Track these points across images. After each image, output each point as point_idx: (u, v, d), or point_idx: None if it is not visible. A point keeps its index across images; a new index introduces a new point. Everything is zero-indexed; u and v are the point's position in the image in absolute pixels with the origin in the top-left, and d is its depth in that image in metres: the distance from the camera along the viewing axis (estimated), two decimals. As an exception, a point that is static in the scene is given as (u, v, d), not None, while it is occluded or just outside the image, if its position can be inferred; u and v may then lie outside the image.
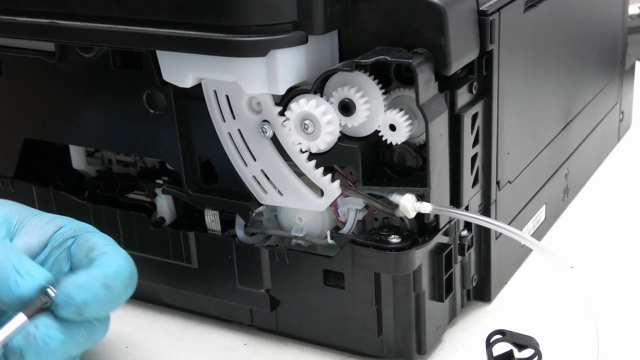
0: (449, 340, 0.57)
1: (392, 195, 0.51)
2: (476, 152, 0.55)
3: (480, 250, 0.58)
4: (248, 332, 0.59)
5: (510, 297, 0.61)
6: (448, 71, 0.49)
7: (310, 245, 0.55)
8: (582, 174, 0.77)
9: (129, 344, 0.58)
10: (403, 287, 0.52)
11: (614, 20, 0.79)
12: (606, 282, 0.62)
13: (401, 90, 0.50)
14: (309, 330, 0.57)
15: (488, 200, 0.57)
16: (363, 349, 0.55)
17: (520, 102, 0.59)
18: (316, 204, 0.52)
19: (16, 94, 0.61)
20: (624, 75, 0.84)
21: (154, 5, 0.49)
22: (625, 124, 0.88)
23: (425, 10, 0.48)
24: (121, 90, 0.56)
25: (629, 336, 0.56)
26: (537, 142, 0.64)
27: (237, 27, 0.47)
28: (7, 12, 0.54)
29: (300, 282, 0.55)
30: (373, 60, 0.48)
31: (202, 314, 0.61)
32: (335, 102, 0.50)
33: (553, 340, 0.55)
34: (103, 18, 0.51)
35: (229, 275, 0.57)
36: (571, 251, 0.67)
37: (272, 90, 0.49)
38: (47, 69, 0.58)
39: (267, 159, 0.53)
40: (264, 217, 0.56)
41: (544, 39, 0.62)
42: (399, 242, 0.51)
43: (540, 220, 0.67)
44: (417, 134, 0.51)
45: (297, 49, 0.49)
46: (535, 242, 0.51)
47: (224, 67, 0.49)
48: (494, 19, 0.52)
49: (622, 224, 0.70)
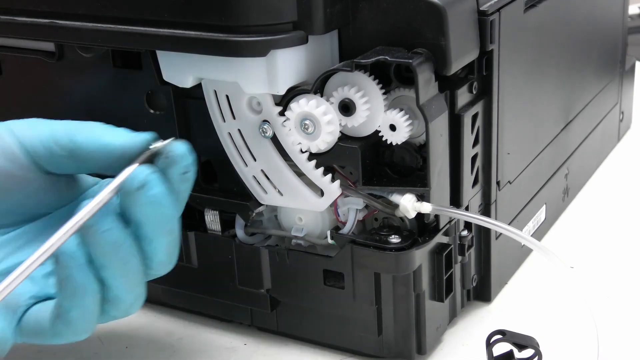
0: (449, 340, 0.57)
1: (392, 195, 0.51)
2: (476, 152, 0.55)
3: (480, 250, 0.58)
4: (248, 332, 0.59)
5: (510, 297, 0.61)
6: (448, 71, 0.49)
7: (310, 245, 0.55)
8: (582, 174, 0.77)
9: (129, 344, 0.58)
10: (403, 287, 0.52)
11: (614, 20, 0.79)
12: (606, 282, 0.62)
13: (401, 90, 0.50)
14: (309, 330, 0.57)
15: (488, 200, 0.57)
16: (363, 349, 0.55)
17: (521, 102, 0.59)
18: (316, 204, 0.52)
19: (16, 94, 0.61)
20: (624, 75, 0.84)
21: (154, 5, 0.49)
22: (625, 124, 0.88)
23: (425, 10, 0.48)
24: (121, 90, 0.56)
25: (629, 336, 0.56)
26: (537, 142, 0.64)
27: (237, 27, 0.47)
28: (7, 12, 0.54)
29: (300, 282, 0.55)
30: (373, 60, 0.48)
31: (202, 314, 0.61)
32: (335, 102, 0.50)
33: (553, 340, 0.55)
34: (103, 18, 0.51)
35: (229, 275, 0.57)
36: (571, 251, 0.67)
37: (272, 90, 0.49)
38: (47, 69, 0.58)
39: (267, 159, 0.53)
40: (264, 217, 0.56)
41: (544, 39, 0.62)
42: (399, 242, 0.51)
43: (540, 220, 0.67)
44: (417, 134, 0.51)
45: (297, 49, 0.49)
46: (535, 242, 0.51)
47: (224, 67, 0.49)
48: (494, 19, 0.52)
49: (622, 224, 0.70)
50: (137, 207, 0.45)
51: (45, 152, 0.47)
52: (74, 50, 0.57)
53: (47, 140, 0.47)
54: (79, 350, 0.57)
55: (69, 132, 0.47)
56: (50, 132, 0.47)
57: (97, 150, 0.46)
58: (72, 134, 0.47)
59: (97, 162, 0.47)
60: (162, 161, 0.46)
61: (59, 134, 0.47)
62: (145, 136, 0.47)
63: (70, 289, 0.45)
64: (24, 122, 0.48)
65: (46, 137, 0.47)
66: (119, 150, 0.46)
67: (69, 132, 0.47)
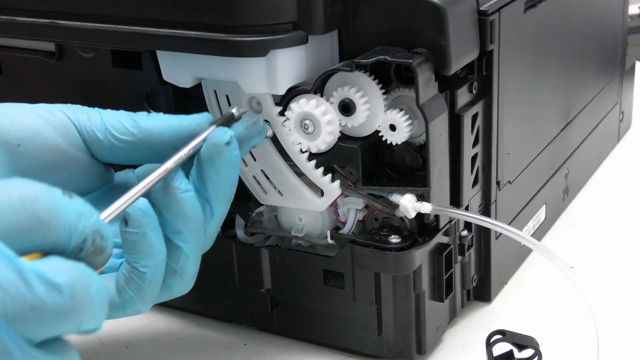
0: (449, 340, 0.57)
1: (392, 195, 0.51)
2: (476, 152, 0.55)
3: (480, 250, 0.58)
4: (248, 332, 0.59)
5: (510, 297, 0.61)
6: (448, 71, 0.49)
7: (310, 245, 0.55)
8: (582, 174, 0.77)
9: (129, 344, 0.58)
10: (403, 287, 0.52)
11: (614, 20, 0.79)
12: (606, 282, 0.62)
13: (401, 90, 0.50)
14: (309, 330, 0.57)
15: (488, 200, 0.57)
16: (363, 349, 0.55)
17: (521, 102, 0.59)
18: (316, 204, 0.52)
19: (16, 94, 0.61)
20: (624, 75, 0.84)
21: (154, 5, 0.49)
22: (625, 124, 0.88)
23: (426, 10, 0.48)
24: (121, 90, 0.56)
25: (629, 336, 0.56)
26: (537, 142, 0.64)
27: (237, 27, 0.47)
28: (7, 12, 0.54)
29: (300, 282, 0.55)
30: (373, 60, 0.48)
31: (202, 314, 0.61)
32: (336, 102, 0.50)
33: (553, 340, 0.55)
34: (103, 18, 0.51)
35: (229, 275, 0.57)
36: (571, 251, 0.67)
37: (272, 90, 0.49)
38: (47, 69, 0.58)
39: (267, 159, 0.53)
40: (264, 217, 0.56)
41: (544, 39, 0.62)
42: (399, 242, 0.51)
43: (540, 220, 0.67)
44: (417, 134, 0.51)
45: (297, 49, 0.49)
46: (535, 242, 0.51)
47: (224, 67, 0.49)
48: (494, 19, 0.52)
49: (622, 224, 0.70)
50: (217, 166, 0.46)
51: (99, 137, 0.47)
52: (74, 50, 0.57)
53: (100, 126, 0.47)
54: (79, 350, 0.57)
55: (131, 118, 0.48)
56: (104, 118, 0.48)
57: (165, 132, 0.47)
58: (136, 120, 0.47)
59: (163, 146, 0.47)
60: (243, 128, 0.48)
61: (116, 120, 0.47)
62: (206, 114, 0.48)
63: (145, 247, 0.44)
64: (77, 107, 0.49)
65: (99, 123, 0.47)
66: (188, 130, 0.47)
67: (131, 118, 0.48)
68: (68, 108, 0.48)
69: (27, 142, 0.46)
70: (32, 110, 0.47)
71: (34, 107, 0.47)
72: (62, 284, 0.35)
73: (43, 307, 0.34)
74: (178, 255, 0.46)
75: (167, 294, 0.47)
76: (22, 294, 0.34)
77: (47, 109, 0.47)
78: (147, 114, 0.48)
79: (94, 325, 0.37)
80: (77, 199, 0.38)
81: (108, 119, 0.48)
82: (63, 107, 0.48)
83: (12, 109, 0.47)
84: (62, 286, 0.35)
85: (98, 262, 0.38)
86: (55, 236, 0.36)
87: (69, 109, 0.48)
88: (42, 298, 0.34)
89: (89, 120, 0.47)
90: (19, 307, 0.34)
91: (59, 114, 0.47)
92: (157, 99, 0.55)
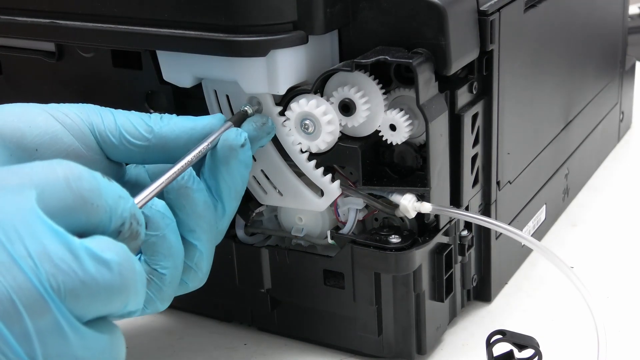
0: (449, 340, 0.57)
1: (392, 195, 0.51)
2: (476, 152, 0.55)
3: (480, 250, 0.58)
4: (248, 332, 0.59)
5: (510, 297, 0.61)
6: (448, 71, 0.49)
7: (310, 245, 0.55)
8: (582, 174, 0.77)
9: (129, 344, 0.58)
10: (403, 287, 0.52)
11: (614, 20, 0.79)
12: (606, 282, 0.62)
13: (401, 90, 0.50)
14: (309, 330, 0.57)
15: (488, 200, 0.57)
16: (363, 349, 0.55)
17: (521, 102, 0.59)
18: (316, 204, 0.52)
19: (16, 94, 0.61)
20: (624, 75, 0.84)
21: (154, 4, 0.49)
22: (625, 124, 0.88)
23: (426, 10, 0.48)
24: (121, 90, 0.56)
25: (629, 336, 0.56)
26: (538, 142, 0.64)
27: (238, 27, 0.47)
28: (7, 12, 0.54)
29: (300, 282, 0.55)
30: (373, 60, 0.48)
31: (202, 314, 0.61)
32: (336, 102, 0.50)
33: (553, 340, 0.55)
34: (103, 18, 0.51)
35: (229, 275, 0.57)
36: (571, 251, 0.67)
37: (273, 90, 0.49)
38: (47, 69, 0.58)
39: (267, 159, 0.53)
40: (264, 217, 0.56)
41: (544, 39, 0.62)
42: (399, 242, 0.51)
43: (540, 220, 0.67)
44: (417, 134, 0.51)
45: (297, 49, 0.49)
46: (535, 242, 0.51)
47: (224, 66, 0.49)
48: (494, 19, 0.52)
49: (622, 224, 0.70)
50: (231, 166, 0.47)
51: (114, 142, 0.47)
52: (74, 50, 0.57)
53: (115, 130, 0.47)
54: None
55: (146, 123, 0.48)
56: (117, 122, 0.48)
57: (180, 136, 0.47)
58: (150, 125, 0.47)
59: (177, 149, 0.47)
60: (253, 129, 0.49)
61: (130, 125, 0.47)
62: (219, 116, 0.49)
63: (165, 249, 0.45)
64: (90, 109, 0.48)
65: (113, 127, 0.47)
66: (202, 133, 0.48)
67: (145, 123, 0.48)
68: (82, 110, 0.47)
69: (44, 147, 0.46)
70: (48, 113, 0.46)
71: (49, 109, 0.47)
72: (110, 261, 0.35)
73: (93, 283, 0.34)
74: (192, 253, 0.47)
75: (182, 289, 0.48)
76: (73, 270, 0.34)
77: (63, 112, 0.47)
78: (160, 116, 0.48)
79: (137, 306, 0.37)
80: (115, 183, 0.38)
81: (122, 122, 0.47)
82: (77, 110, 0.47)
83: (28, 111, 0.46)
84: (111, 263, 0.35)
85: (132, 247, 0.38)
86: (97, 216, 0.36)
87: (83, 112, 0.47)
88: (93, 274, 0.34)
89: (103, 124, 0.47)
90: (70, 284, 0.34)
91: (74, 117, 0.47)
92: (157, 99, 0.55)
